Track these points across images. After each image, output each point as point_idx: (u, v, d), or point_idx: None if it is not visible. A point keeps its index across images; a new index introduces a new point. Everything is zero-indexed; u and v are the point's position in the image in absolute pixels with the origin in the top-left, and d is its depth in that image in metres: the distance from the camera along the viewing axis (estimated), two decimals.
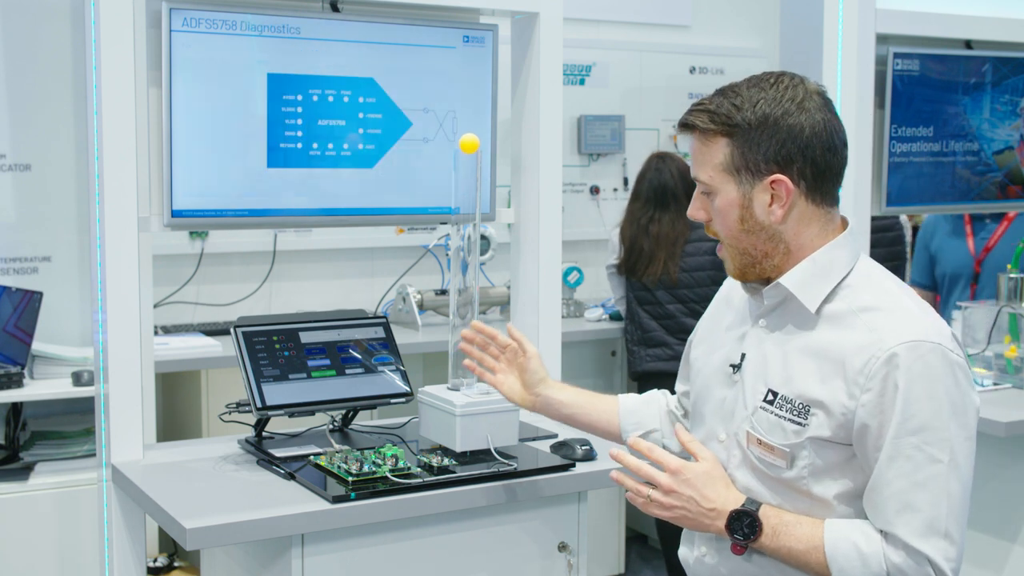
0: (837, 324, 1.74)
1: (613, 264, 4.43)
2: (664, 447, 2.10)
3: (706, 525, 1.78)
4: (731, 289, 2.00)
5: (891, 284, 1.79)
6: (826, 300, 1.76)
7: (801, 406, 1.73)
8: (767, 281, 1.83)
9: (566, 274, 4.72)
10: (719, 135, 1.76)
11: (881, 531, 1.69)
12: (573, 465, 2.44)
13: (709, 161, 1.78)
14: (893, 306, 1.73)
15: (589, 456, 2.49)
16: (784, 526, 1.73)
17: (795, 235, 1.78)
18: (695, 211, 1.85)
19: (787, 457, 1.74)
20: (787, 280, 1.78)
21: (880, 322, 1.70)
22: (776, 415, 1.75)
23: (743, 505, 1.75)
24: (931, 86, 3.66)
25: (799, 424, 1.73)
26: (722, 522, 1.76)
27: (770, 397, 1.77)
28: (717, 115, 1.76)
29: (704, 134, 1.78)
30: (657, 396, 2.21)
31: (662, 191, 4.31)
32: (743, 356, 1.84)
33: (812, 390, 1.72)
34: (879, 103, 3.54)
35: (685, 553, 1.95)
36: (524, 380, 2.21)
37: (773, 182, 1.75)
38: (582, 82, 5.32)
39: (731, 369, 1.85)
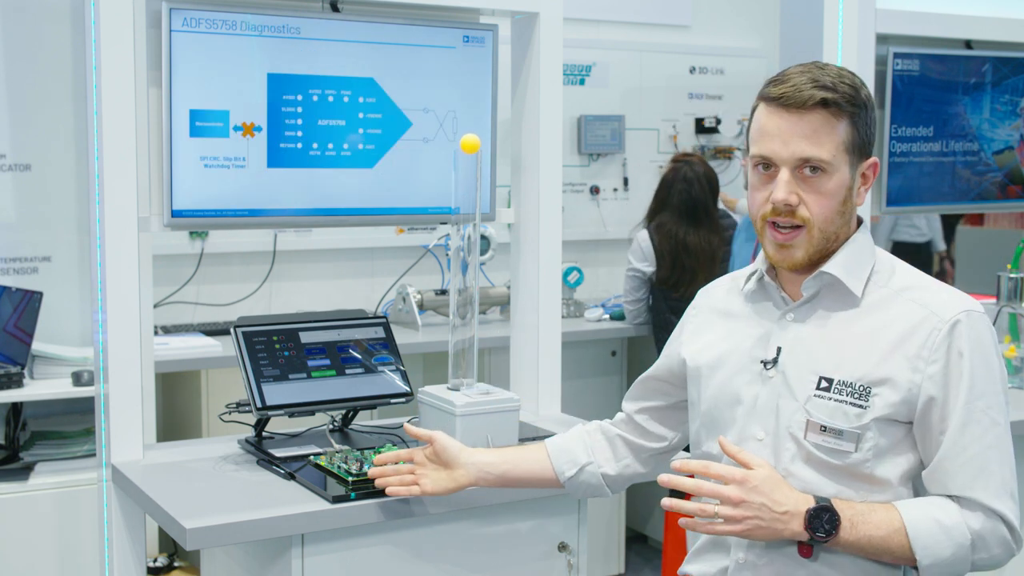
0: (881, 306, 1.78)
1: (641, 270, 4.43)
2: (602, 475, 2.11)
3: (779, 531, 1.72)
4: (715, 300, 2.00)
5: (911, 268, 1.86)
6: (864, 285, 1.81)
7: (862, 388, 1.74)
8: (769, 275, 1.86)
9: (566, 274, 4.72)
10: (844, 114, 1.75)
11: (953, 498, 1.71)
12: None
13: (833, 139, 1.75)
14: (928, 284, 1.80)
15: None
16: (860, 516, 1.71)
17: (851, 219, 1.83)
18: (789, 195, 1.76)
19: (855, 439, 1.74)
20: (832, 267, 1.80)
21: (927, 298, 1.76)
22: (836, 400, 1.75)
23: (818, 502, 1.72)
24: (931, 86, 3.66)
25: (860, 407, 1.74)
26: (797, 524, 1.71)
27: (824, 385, 1.77)
28: (841, 93, 1.75)
29: (829, 110, 1.74)
30: (583, 430, 2.17)
31: (693, 205, 4.34)
32: (778, 350, 1.83)
33: (871, 372, 1.74)
34: (879, 103, 3.54)
35: (703, 568, 1.90)
36: (445, 461, 2.12)
37: (872, 164, 1.81)
38: (582, 82, 5.32)
39: (762, 366, 1.84)
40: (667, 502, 1.77)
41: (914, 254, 7.32)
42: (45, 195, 3.70)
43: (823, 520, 1.70)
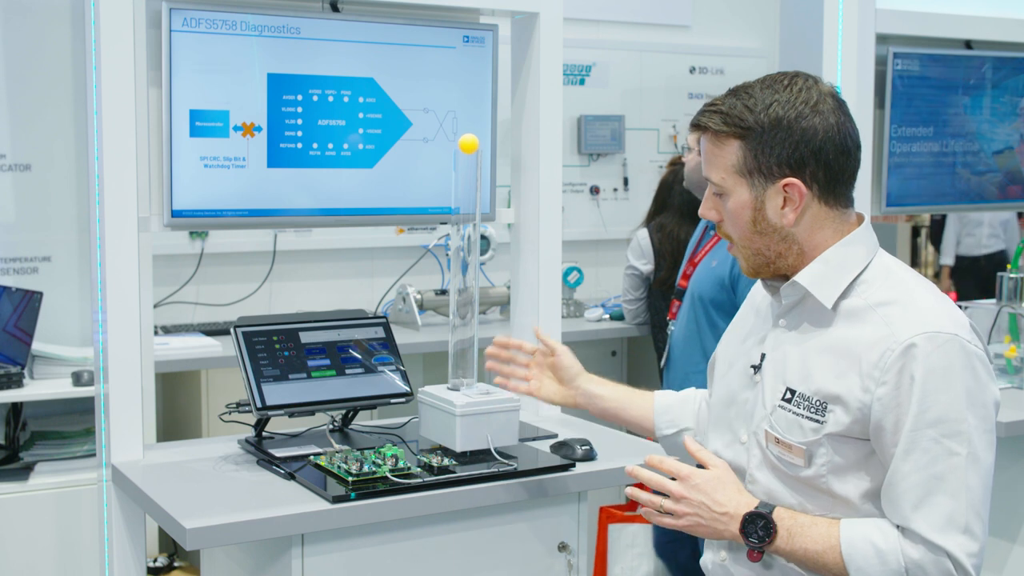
0: (853, 320, 1.74)
1: (638, 268, 4.44)
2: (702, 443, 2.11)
3: (719, 531, 1.76)
4: (755, 294, 2.00)
5: (908, 277, 1.78)
6: (843, 296, 1.76)
7: (819, 403, 1.72)
8: (784, 279, 1.83)
9: (566, 274, 4.72)
10: (731, 137, 1.75)
11: (899, 527, 1.67)
12: (573, 465, 2.44)
13: (721, 163, 1.78)
14: (909, 299, 1.72)
15: (589, 456, 2.49)
16: (799, 527, 1.71)
17: (808, 236, 1.78)
18: (707, 211, 1.84)
19: (805, 455, 1.73)
20: (802, 278, 1.78)
21: (895, 315, 1.70)
22: (794, 413, 1.75)
23: (756, 508, 1.73)
24: (931, 86, 3.66)
25: (816, 421, 1.72)
26: (735, 526, 1.74)
27: (788, 395, 1.76)
28: (729, 117, 1.75)
29: (716, 135, 1.77)
30: (693, 395, 2.20)
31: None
32: (763, 356, 1.83)
33: (829, 386, 1.71)
34: (879, 103, 3.54)
35: (708, 557, 1.92)
36: (560, 377, 2.25)
37: (786, 185, 1.74)
38: (582, 82, 5.33)
39: (752, 370, 1.85)
40: (629, 491, 1.84)
41: (971, 267, 7.10)
42: (45, 195, 3.71)
43: (757, 526, 1.72)
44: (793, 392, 1.76)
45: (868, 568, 1.67)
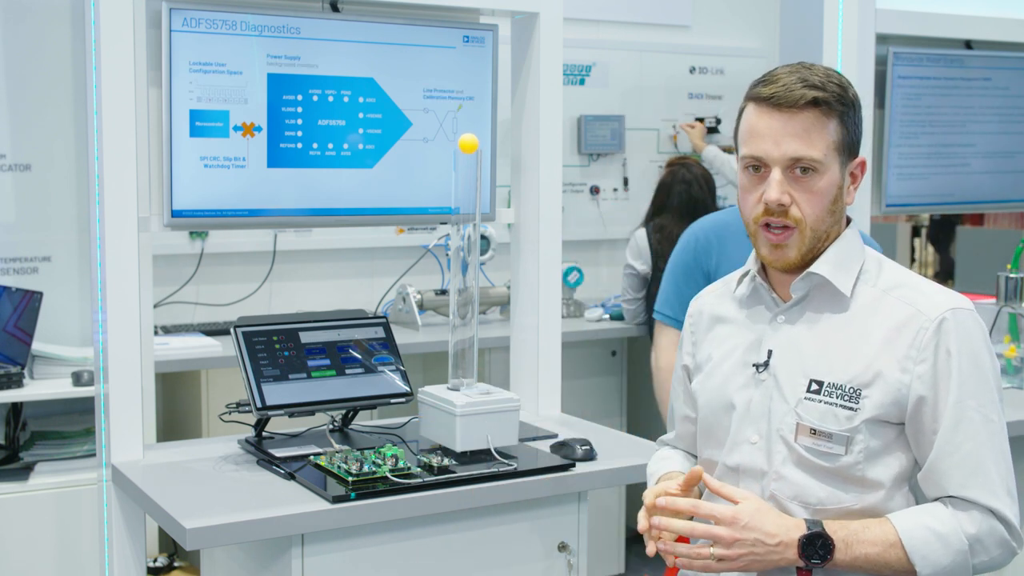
0: (869, 306, 1.77)
1: (635, 268, 4.44)
2: None
3: (775, 562, 1.70)
4: (708, 307, 1.98)
5: (899, 267, 1.85)
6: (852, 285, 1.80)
7: (852, 391, 1.73)
8: (793, 274, 1.83)
9: (566, 274, 4.72)
10: (834, 113, 1.75)
11: (946, 499, 1.70)
12: (573, 465, 2.44)
13: (824, 139, 1.74)
14: (916, 282, 1.80)
15: (589, 456, 2.49)
16: (854, 535, 1.70)
17: (841, 218, 1.83)
18: (782, 195, 1.75)
19: (845, 442, 1.73)
20: (819, 267, 1.79)
21: (914, 297, 1.76)
22: (826, 403, 1.74)
23: (808, 529, 1.70)
24: (931, 86, 3.67)
25: (851, 409, 1.73)
26: (792, 552, 1.69)
27: (815, 387, 1.76)
28: (830, 92, 1.75)
29: (820, 109, 1.74)
30: (667, 455, 2.07)
31: (693, 206, 4.33)
32: (769, 353, 1.82)
33: (861, 373, 1.73)
34: (879, 103, 3.55)
35: None
36: None
37: (860, 163, 1.81)
38: (582, 82, 5.32)
39: (754, 369, 1.83)
40: (664, 549, 1.75)
41: None
42: (45, 195, 3.70)
43: (816, 546, 1.69)
44: (820, 383, 1.76)
45: (933, 555, 1.68)
